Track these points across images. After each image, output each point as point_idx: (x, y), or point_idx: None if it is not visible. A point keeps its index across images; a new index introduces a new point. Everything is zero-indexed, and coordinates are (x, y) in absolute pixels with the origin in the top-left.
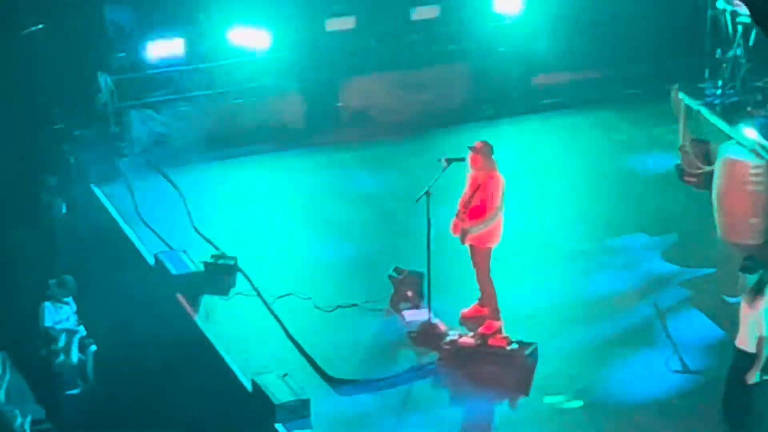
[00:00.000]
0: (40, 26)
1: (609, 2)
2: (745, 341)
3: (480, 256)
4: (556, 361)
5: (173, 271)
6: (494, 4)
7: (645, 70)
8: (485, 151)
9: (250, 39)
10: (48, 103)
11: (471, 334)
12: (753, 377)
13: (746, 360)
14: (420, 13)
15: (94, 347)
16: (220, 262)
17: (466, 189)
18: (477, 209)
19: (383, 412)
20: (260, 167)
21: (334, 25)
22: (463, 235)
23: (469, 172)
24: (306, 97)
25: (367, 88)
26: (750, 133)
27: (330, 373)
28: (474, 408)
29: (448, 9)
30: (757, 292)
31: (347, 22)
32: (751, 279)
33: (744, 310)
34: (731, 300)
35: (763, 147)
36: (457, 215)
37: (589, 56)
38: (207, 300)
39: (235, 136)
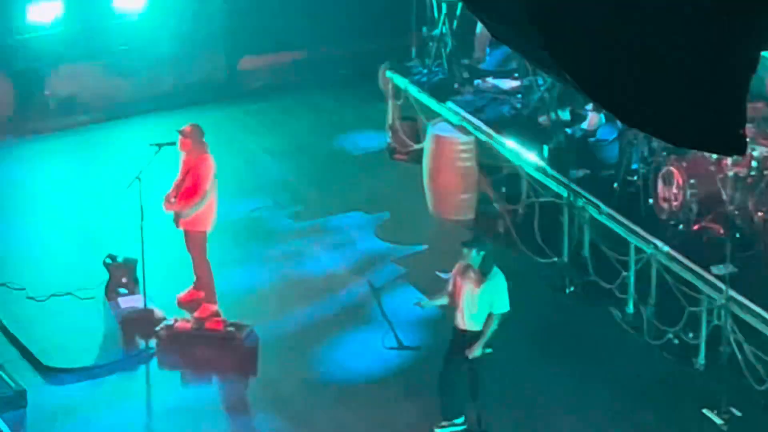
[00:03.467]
0: None
1: None
2: (463, 320)
3: (194, 240)
4: (274, 342)
5: None
6: None
7: (352, 50)
8: (195, 134)
9: None
10: None
11: (188, 318)
12: (475, 351)
13: (469, 336)
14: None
15: None
16: None
17: (179, 173)
18: (188, 192)
19: (101, 400)
20: None
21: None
22: (176, 218)
23: (182, 156)
24: (13, 84)
25: (74, 75)
26: (457, 110)
27: (46, 362)
28: (194, 392)
29: None
30: (482, 270)
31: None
32: (476, 257)
33: (464, 287)
34: (444, 275)
35: (470, 123)
36: (167, 198)
37: (296, 37)
38: None
39: None
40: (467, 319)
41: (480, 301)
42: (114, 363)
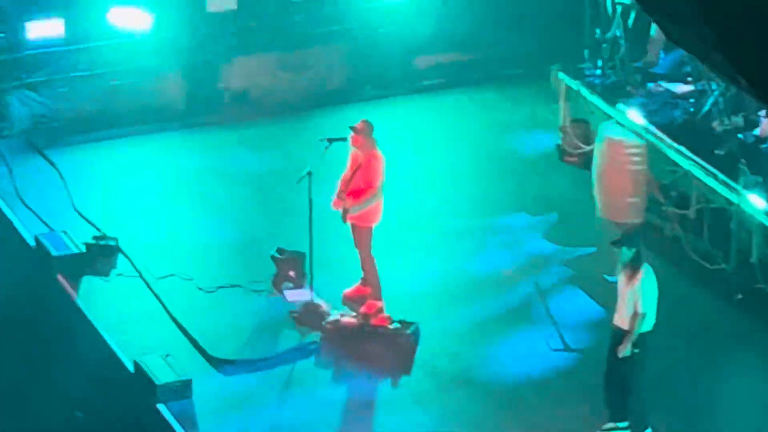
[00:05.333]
0: None
1: None
2: (622, 318)
3: (361, 235)
4: (438, 340)
5: (54, 252)
6: None
7: (526, 51)
8: (366, 130)
9: (130, 19)
10: None
11: (353, 313)
12: (624, 350)
13: (619, 335)
14: None
15: None
16: (102, 243)
17: (347, 168)
18: (358, 188)
19: (266, 392)
20: (141, 148)
21: (214, 6)
22: (344, 214)
23: (351, 152)
24: (187, 78)
25: (249, 69)
26: (629, 113)
27: (212, 353)
28: (356, 387)
29: None
30: (633, 268)
31: (229, 3)
32: (626, 254)
33: (621, 286)
34: (611, 279)
35: (642, 126)
36: (337, 194)
37: (470, 37)
38: (88, 281)
39: (116, 117)
40: (621, 317)
41: (629, 299)
42: (280, 355)
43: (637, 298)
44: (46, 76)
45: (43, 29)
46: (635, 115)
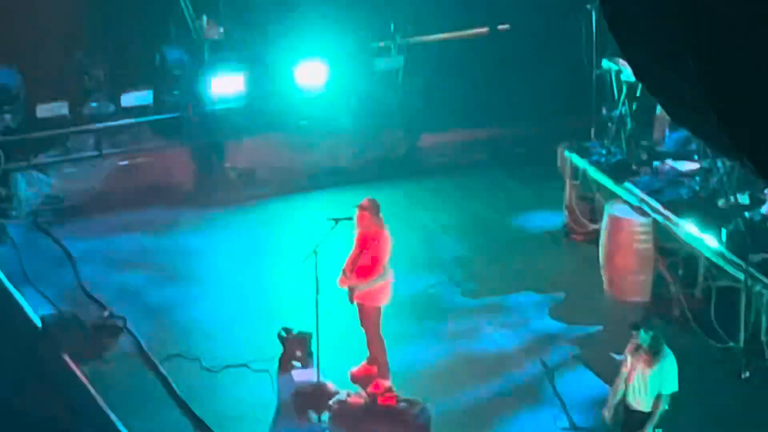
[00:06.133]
0: None
1: (495, 62)
2: (639, 400)
3: (369, 315)
4: (445, 420)
5: (60, 332)
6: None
7: (532, 130)
8: (372, 208)
9: (137, 99)
10: None
11: (360, 393)
12: None
13: (638, 417)
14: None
15: None
16: (108, 322)
17: (354, 247)
18: (365, 267)
19: None
20: (148, 227)
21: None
22: (351, 293)
23: (357, 231)
24: (193, 157)
25: (255, 148)
26: (635, 191)
27: None
28: None
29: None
30: (653, 351)
31: (236, 83)
32: (645, 338)
33: (635, 367)
34: (618, 357)
35: (648, 205)
36: (343, 272)
37: (474, 116)
38: (94, 360)
39: (123, 197)
40: (638, 399)
41: (651, 382)
42: None
43: (662, 380)
44: (53, 156)
45: (50, 110)
46: (641, 194)
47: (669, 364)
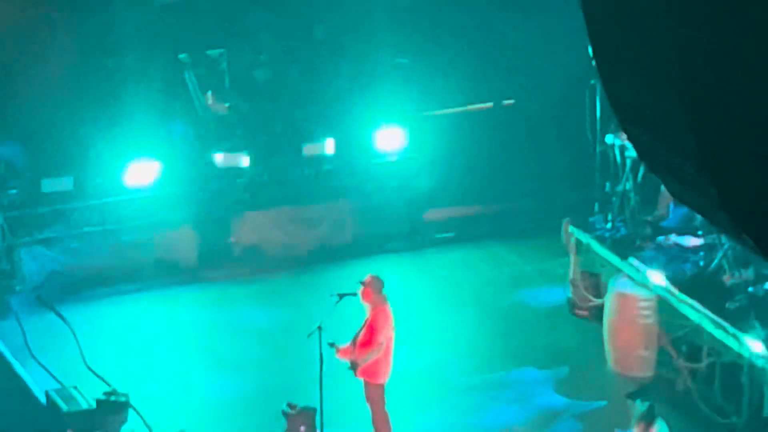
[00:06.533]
0: None
1: (500, 137)
2: None
3: (373, 391)
4: None
5: (64, 408)
6: (377, 142)
7: (535, 205)
8: (374, 284)
9: (141, 174)
10: None
11: None
12: None
13: None
14: (310, 149)
15: None
16: (112, 399)
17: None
18: (363, 342)
19: None
20: (152, 303)
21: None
22: (354, 368)
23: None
24: (197, 232)
25: (259, 223)
26: (639, 266)
27: None
28: None
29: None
30: (647, 422)
31: (240, 159)
32: (640, 408)
33: None
34: None
35: (652, 280)
36: (348, 344)
37: (479, 191)
38: None
39: (127, 272)
40: None
41: None
42: None
43: None
44: (57, 232)
45: (55, 186)
46: (645, 269)
47: None
